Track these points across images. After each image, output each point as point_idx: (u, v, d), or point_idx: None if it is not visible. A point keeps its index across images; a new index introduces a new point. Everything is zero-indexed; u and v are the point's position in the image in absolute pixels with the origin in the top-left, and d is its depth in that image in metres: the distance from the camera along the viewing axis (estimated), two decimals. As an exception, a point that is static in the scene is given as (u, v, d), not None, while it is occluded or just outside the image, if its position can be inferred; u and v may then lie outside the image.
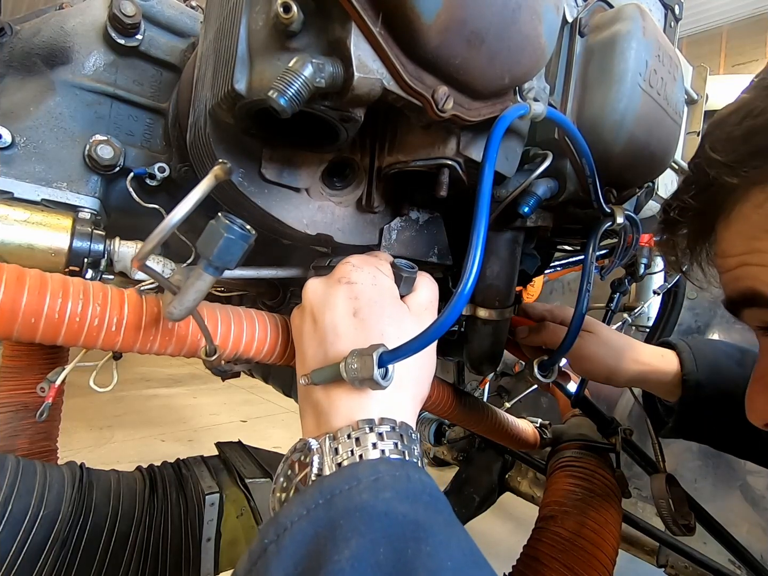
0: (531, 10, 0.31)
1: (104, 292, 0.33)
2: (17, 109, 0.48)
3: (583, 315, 0.45)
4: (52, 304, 0.30)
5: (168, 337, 0.35)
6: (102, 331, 0.32)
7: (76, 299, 0.31)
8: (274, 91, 0.26)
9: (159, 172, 0.51)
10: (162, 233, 0.27)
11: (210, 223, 0.29)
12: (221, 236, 0.28)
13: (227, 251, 0.28)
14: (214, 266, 0.29)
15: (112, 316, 0.32)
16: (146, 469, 0.67)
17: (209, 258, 0.29)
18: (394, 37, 0.28)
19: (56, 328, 0.31)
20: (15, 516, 0.49)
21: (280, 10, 0.26)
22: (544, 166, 0.41)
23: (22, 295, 0.30)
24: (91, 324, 0.31)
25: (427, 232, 0.46)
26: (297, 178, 0.39)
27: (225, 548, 0.66)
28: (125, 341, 0.33)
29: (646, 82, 0.43)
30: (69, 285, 0.32)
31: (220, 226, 0.28)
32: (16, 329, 0.30)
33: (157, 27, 0.54)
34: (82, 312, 0.31)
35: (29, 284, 0.30)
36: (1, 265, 0.31)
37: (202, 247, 0.29)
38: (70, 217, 0.43)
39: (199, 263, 0.30)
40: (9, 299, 0.29)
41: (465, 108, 0.33)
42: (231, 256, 0.29)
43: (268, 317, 0.41)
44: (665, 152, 0.48)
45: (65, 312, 0.31)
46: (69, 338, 0.32)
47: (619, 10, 0.44)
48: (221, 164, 0.30)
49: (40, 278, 0.31)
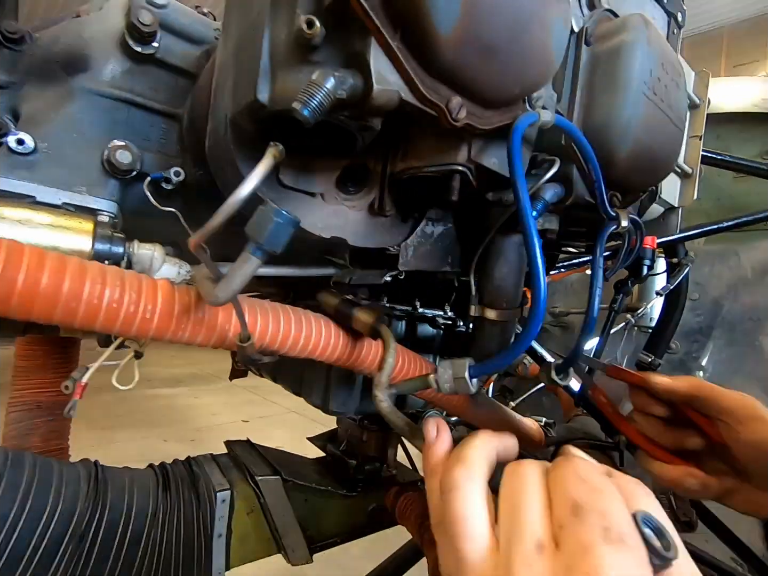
0: (541, 23, 0.32)
1: (139, 280, 0.34)
2: (38, 115, 0.49)
3: (595, 318, 0.46)
4: (91, 289, 0.31)
5: (199, 325, 0.36)
6: (137, 317, 0.33)
7: (113, 286, 0.32)
8: (298, 103, 0.27)
9: (175, 176, 0.52)
10: (226, 213, 0.29)
11: (259, 208, 0.31)
12: (271, 221, 0.30)
13: (276, 235, 0.30)
14: (263, 250, 0.31)
15: (147, 303, 0.33)
16: (158, 467, 0.69)
17: (260, 242, 0.30)
18: (411, 51, 0.29)
19: (95, 312, 0.32)
20: (34, 511, 0.50)
21: (303, 26, 0.27)
22: (551, 171, 0.42)
23: (64, 280, 0.31)
24: (128, 310, 0.33)
25: (441, 244, 0.48)
26: (313, 183, 0.40)
27: (236, 545, 0.67)
28: (158, 329, 0.34)
29: (650, 90, 0.44)
30: (107, 272, 0.33)
31: (270, 211, 0.30)
32: (57, 312, 0.31)
33: (172, 34, 0.55)
34: (119, 298, 0.32)
35: (70, 270, 0.31)
36: (45, 253, 0.32)
37: (252, 231, 0.31)
38: (92, 221, 0.44)
39: (247, 248, 0.31)
40: (52, 283, 0.30)
41: (477, 117, 0.34)
42: (279, 240, 0.31)
43: (303, 314, 0.43)
44: (668, 157, 0.49)
45: (104, 297, 0.32)
46: (106, 323, 0.33)
47: (625, 20, 0.45)
48: (275, 146, 0.31)
49: (80, 265, 0.32)
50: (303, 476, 0.74)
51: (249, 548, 0.68)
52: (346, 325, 0.45)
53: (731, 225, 0.90)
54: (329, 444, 0.88)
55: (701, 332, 1.17)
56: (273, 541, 0.69)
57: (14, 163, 0.45)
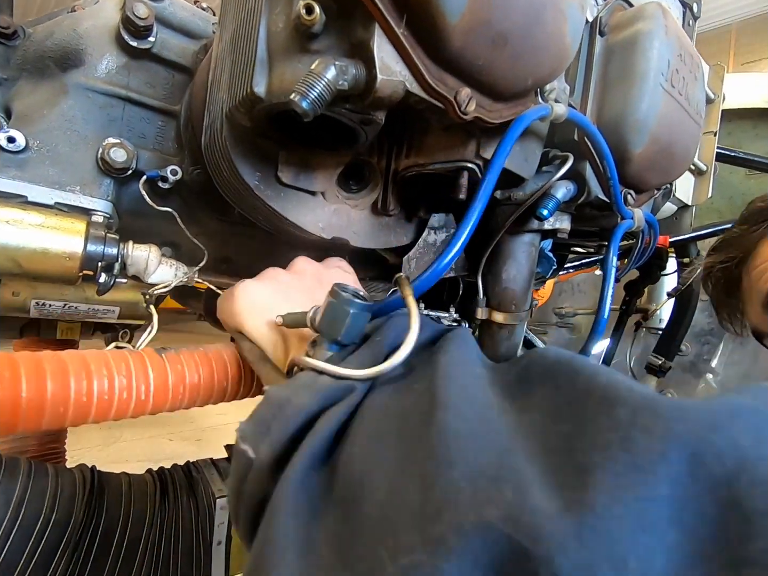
0: (556, 8, 0.30)
1: (126, 362, 0.32)
2: (31, 112, 0.47)
3: (606, 319, 0.44)
4: (77, 387, 0.29)
5: (195, 391, 0.35)
6: (132, 401, 0.31)
7: (100, 376, 0.30)
8: (297, 94, 0.25)
9: (171, 174, 0.50)
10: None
11: (330, 302, 0.28)
12: (346, 314, 0.27)
13: (354, 327, 0.28)
14: (342, 344, 0.29)
15: (139, 384, 0.32)
16: (156, 472, 0.67)
17: (337, 338, 0.28)
18: (418, 39, 0.27)
19: (86, 410, 0.30)
20: (28, 519, 0.49)
21: (302, 11, 0.25)
22: (565, 168, 0.40)
23: (46, 385, 0.28)
24: (120, 398, 0.31)
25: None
26: (313, 181, 0.38)
27: (235, 552, 0.65)
28: (155, 405, 0.33)
29: (668, 82, 0.42)
30: (89, 363, 0.31)
31: (343, 303, 0.28)
32: (45, 421, 0.28)
33: (169, 29, 0.54)
34: (109, 389, 0.30)
35: (50, 370, 0.29)
36: (14, 358, 0.29)
37: (326, 327, 0.28)
38: (84, 221, 0.42)
39: (322, 344, 0.29)
40: (34, 391, 0.28)
41: (487, 110, 0.32)
42: (357, 331, 0.28)
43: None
44: (686, 153, 0.47)
45: (92, 393, 0.30)
46: (99, 415, 0.31)
47: (640, 9, 0.43)
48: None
49: (58, 361, 0.30)
50: (305, 482, 0.72)
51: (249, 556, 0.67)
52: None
53: (745, 224, 0.87)
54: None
55: (712, 334, 1.14)
56: (274, 549, 0.68)
57: (5, 161, 0.43)
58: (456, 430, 0.19)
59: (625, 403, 0.18)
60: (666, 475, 0.16)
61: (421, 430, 0.20)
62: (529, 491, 0.16)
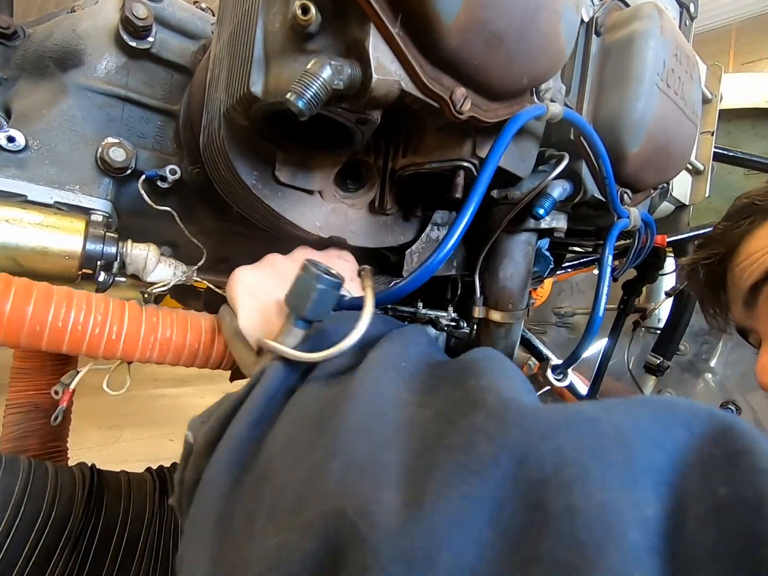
0: (551, 9, 0.30)
1: (106, 303, 0.35)
2: (30, 112, 0.48)
3: (601, 318, 0.44)
4: (56, 312, 0.32)
5: (166, 345, 0.36)
6: (102, 340, 0.33)
7: (79, 309, 0.33)
8: (293, 94, 0.26)
9: (170, 174, 0.50)
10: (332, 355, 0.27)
11: (299, 275, 0.28)
12: (314, 289, 0.27)
13: (321, 303, 0.28)
14: (307, 320, 0.28)
15: (112, 325, 0.34)
16: (156, 471, 0.67)
17: (303, 314, 0.28)
18: (413, 38, 0.28)
19: (59, 336, 0.32)
20: (27, 518, 0.49)
21: (298, 11, 0.26)
22: (560, 167, 0.40)
23: (29, 305, 0.31)
24: (92, 333, 0.33)
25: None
26: (311, 180, 0.39)
27: (234, 550, 0.66)
28: (126, 349, 0.34)
29: (664, 82, 0.42)
30: (73, 296, 0.34)
31: (311, 278, 0.27)
32: (23, 337, 0.31)
33: (168, 29, 0.54)
34: (84, 321, 0.33)
35: (36, 295, 0.32)
36: (10, 278, 0.32)
37: (293, 301, 0.28)
38: (83, 220, 0.43)
39: (289, 319, 0.29)
40: (17, 308, 0.31)
41: (482, 109, 0.33)
42: (324, 308, 0.28)
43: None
44: (682, 153, 0.47)
45: (68, 321, 0.32)
46: (72, 346, 0.33)
47: (636, 9, 0.43)
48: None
49: (46, 290, 0.33)
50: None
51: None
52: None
53: (743, 223, 0.87)
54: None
55: (711, 333, 1.15)
56: (272, 547, 0.68)
57: (5, 160, 0.44)
58: (350, 423, 0.21)
59: (484, 408, 0.20)
60: (493, 478, 0.17)
61: (327, 421, 0.22)
62: (385, 486, 0.18)
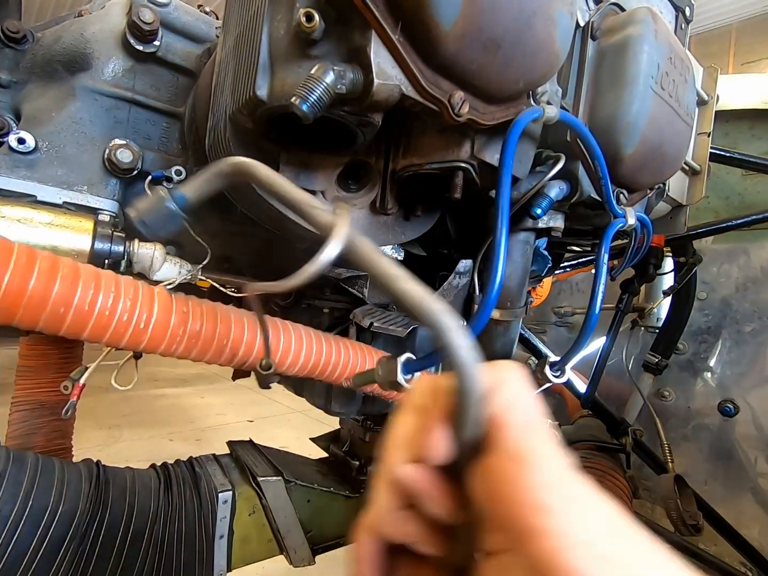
0: (546, 15, 0.31)
1: (135, 287, 0.32)
2: (40, 114, 0.49)
3: (597, 315, 0.45)
4: (83, 294, 0.28)
5: (194, 340, 0.34)
6: (130, 328, 0.31)
7: (107, 292, 0.30)
8: (297, 98, 0.27)
9: (176, 175, 0.52)
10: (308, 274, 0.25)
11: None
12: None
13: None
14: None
15: (142, 311, 0.31)
16: (160, 467, 0.68)
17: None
18: (413, 44, 0.29)
19: (84, 320, 0.29)
20: (35, 512, 0.50)
21: (302, 18, 0.27)
22: (557, 168, 0.41)
23: (54, 283, 0.28)
24: (120, 319, 0.30)
25: (461, 294, 0.54)
26: (313, 181, 0.40)
27: (237, 546, 0.67)
28: (152, 340, 0.32)
29: (658, 85, 0.43)
30: (101, 277, 0.31)
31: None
32: (44, 318, 0.28)
33: (173, 33, 0.55)
34: (112, 306, 0.30)
35: (62, 273, 0.28)
36: (35, 252, 0.29)
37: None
38: (92, 220, 0.44)
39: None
40: (41, 286, 0.27)
41: (480, 112, 0.34)
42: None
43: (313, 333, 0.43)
44: (677, 154, 0.48)
45: (95, 304, 0.29)
46: (95, 332, 0.30)
47: (631, 14, 0.44)
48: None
49: (73, 267, 0.30)
50: (305, 477, 0.73)
51: (251, 549, 0.68)
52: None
53: (740, 223, 0.89)
54: (332, 445, 0.88)
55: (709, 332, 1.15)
56: (275, 543, 0.69)
57: (15, 161, 0.45)
58: None
59: None
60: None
61: None
62: None
